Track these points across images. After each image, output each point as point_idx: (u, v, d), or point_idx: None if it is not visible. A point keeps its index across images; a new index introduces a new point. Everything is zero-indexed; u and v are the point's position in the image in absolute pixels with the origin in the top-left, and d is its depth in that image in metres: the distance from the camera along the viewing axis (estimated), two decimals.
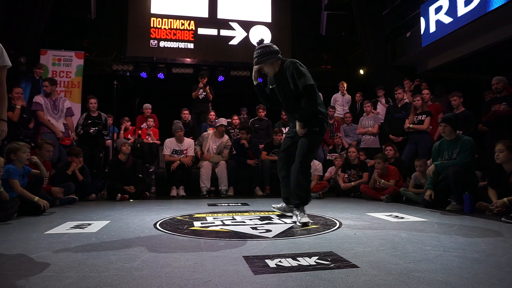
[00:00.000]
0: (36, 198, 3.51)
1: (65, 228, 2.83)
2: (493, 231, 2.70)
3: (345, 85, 7.83)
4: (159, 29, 9.37)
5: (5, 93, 2.34)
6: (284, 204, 3.45)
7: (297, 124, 3.07)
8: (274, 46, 3.13)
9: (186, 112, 7.04)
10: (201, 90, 7.49)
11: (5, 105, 2.36)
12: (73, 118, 5.90)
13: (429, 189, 4.12)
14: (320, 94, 3.27)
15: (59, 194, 4.34)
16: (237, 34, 9.75)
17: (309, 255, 1.93)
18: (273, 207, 3.59)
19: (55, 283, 1.51)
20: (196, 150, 6.04)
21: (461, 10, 6.29)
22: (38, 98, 5.52)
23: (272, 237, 2.45)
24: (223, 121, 6.25)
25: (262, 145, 6.29)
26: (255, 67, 3.15)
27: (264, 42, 3.18)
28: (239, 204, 4.44)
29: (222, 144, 6.08)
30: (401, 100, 6.06)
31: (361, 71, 9.66)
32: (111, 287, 1.47)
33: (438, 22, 6.89)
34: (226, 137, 6.20)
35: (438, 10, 6.90)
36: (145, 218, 3.31)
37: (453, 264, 1.77)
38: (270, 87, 3.28)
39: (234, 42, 9.72)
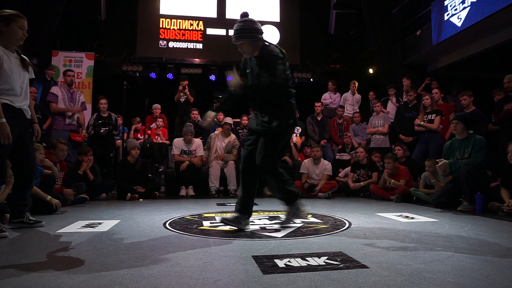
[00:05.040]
0: (49, 197, 3.57)
1: (76, 227, 2.87)
2: (506, 231, 2.66)
3: (357, 85, 7.78)
4: (168, 30, 9.42)
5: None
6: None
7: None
8: (259, 24, 2.78)
9: (195, 112, 7.07)
10: (181, 94, 7.48)
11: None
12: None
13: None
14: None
15: (70, 196, 4.39)
16: None
17: (319, 255, 1.93)
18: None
19: (67, 281, 1.54)
20: (204, 156, 6.05)
21: (473, 7, 6.20)
22: (55, 89, 5.53)
23: (281, 237, 2.44)
24: (228, 119, 6.28)
25: None
26: (235, 82, 2.67)
27: (249, 17, 2.80)
28: None
29: (230, 144, 6.08)
30: (412, 101, 5.99)
31: (371, 70, 9.58)
32: (122, 286, 1.48)
33: (449, 20, 6.80)
34: (233, 136, 6.21)
35: (449, 7, 6.81)
36: (154, 218, 3.33)
37: (464, 265, 1.74)
38: (247, 71, 2.83)
39: None
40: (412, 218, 3.32)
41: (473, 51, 7.12)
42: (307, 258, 1.86)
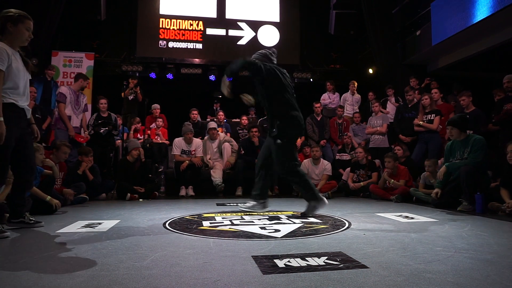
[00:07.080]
0: (48, 197, 3.56)
1: (76, 227, 2.87)
2: (505, 231, 2.66)
3: (356, 85, 7.78)
4: (168, 30, 9.43)
5: None
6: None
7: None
8: (275, 58, 3.68)
9: (195, 112, 7.07)
10: (131, 91, 7.43)
11: None
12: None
13: (437, 187, 4.12)
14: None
15: (71, 196, 4.39)
16: (246, 34, 9.76)
17: (318, 255, 1.92)
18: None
19: (67, 281, 1.53)
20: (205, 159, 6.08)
21: (472, 8, 6.21)
22: (64, 89, 5.41)
23: (281, 237, 2.44)
24: (212, 124, 6.26)
25: None
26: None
27: (275, 53, 3.74)
28: None
29: (221, 142, 6.15)
30: (412, 101, 5.99)
31: (370, 70, 9.59)
32: (121, 286, 1.48)
33: (448, 20, 6.80)
34: (220, 135, 6.31)
35: (448, 7, 6.82)
36: (154, 218, 3.33)
37: (464, 265, 1.74)
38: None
39: (242, 42, 9.72)
40: (412, 218, 3.32)
41: (473, 51, 7.13)
42: (307, 258, 1.86)
